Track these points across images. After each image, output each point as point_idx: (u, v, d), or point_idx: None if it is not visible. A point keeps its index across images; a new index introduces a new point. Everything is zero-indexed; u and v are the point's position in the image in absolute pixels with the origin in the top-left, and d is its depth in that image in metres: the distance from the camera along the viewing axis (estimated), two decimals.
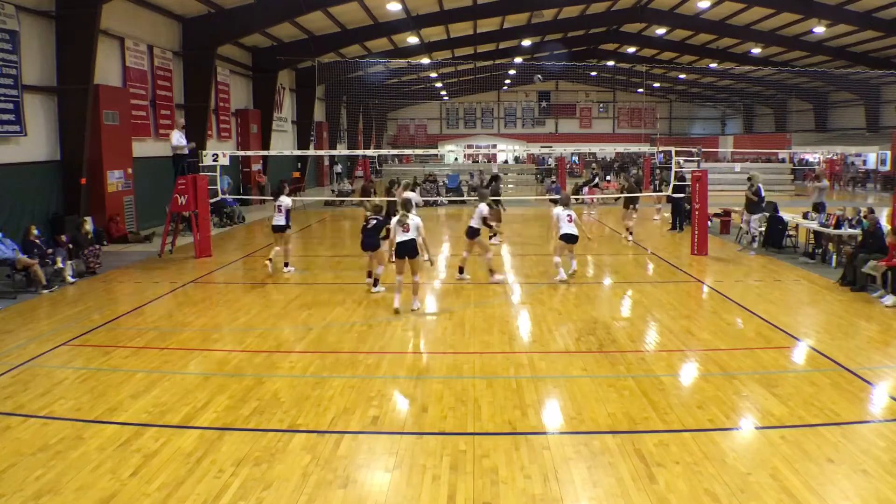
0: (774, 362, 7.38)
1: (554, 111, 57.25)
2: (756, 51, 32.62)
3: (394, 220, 9.26)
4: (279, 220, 12.15)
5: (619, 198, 19.47)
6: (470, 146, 50.94)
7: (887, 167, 33.63)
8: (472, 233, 11.56)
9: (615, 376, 6.91)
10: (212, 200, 15.06)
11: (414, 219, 9.19)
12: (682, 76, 44.63)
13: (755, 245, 14.13)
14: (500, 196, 18.06)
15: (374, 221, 10.52)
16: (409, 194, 13.57)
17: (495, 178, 19.04)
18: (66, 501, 4.58)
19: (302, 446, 5.36)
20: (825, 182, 18.06)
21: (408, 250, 9.14)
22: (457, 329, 8.65)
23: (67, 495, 4.64)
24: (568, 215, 11.44)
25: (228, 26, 20.75)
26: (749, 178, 14.53)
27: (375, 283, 10.66)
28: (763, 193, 14.32)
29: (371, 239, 10.48)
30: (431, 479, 4.83)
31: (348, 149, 40.34)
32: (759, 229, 14.43)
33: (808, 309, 9.80)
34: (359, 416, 5.94)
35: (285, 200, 12.29)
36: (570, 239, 11.48)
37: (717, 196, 20.06)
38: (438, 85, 47.37)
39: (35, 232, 11.72)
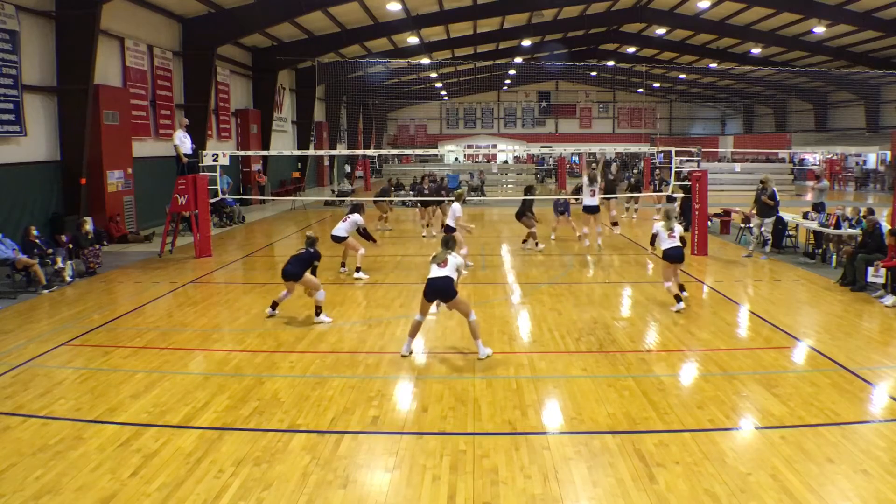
0: (774, 362, 7.38)
1: (554, 111, 57.23)
2: (756, 51, 32.62)
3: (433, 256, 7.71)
4: (339, 231, 11.95)
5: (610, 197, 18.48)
6: (470, 146, 50.92)
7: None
8: (449, 230, 12.08)
9: (615, 376, 6.91)
10: (212, 200, 15.06)
11: (456, 258, 7.62)
12: (682, 76, 44.62)
13: (767, 249, 13.87)
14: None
15: (305, 252, 9.09)
16: (455, 206, 12.38)
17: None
18: (66, 501, 4.57)
19: (302, 446, 5.36)
20: (825, 182, 18.05)
21: (442, 292, 7.43)
22: (457, 329, 8.64)
23: (67, 495, 4.64)
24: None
25: (228, 26, 20.76)
26: (762, 182, 13.91)
27: (273, 307, 9.41)
28: (778, 197, 13.82)
29: (294, 268, 8.97)
30: (431, 479, 4.83)
31: (348, 149, 40.34)
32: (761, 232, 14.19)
33: (808, 309, 9.81)
34: (359, 416, 5.94)
35: (355, 217, 12.04)
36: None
37: (717, 196, 20.05)
38: (438, 85, 47.35)
39: (35, 232, 11.72)
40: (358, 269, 12.10)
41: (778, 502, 4.49)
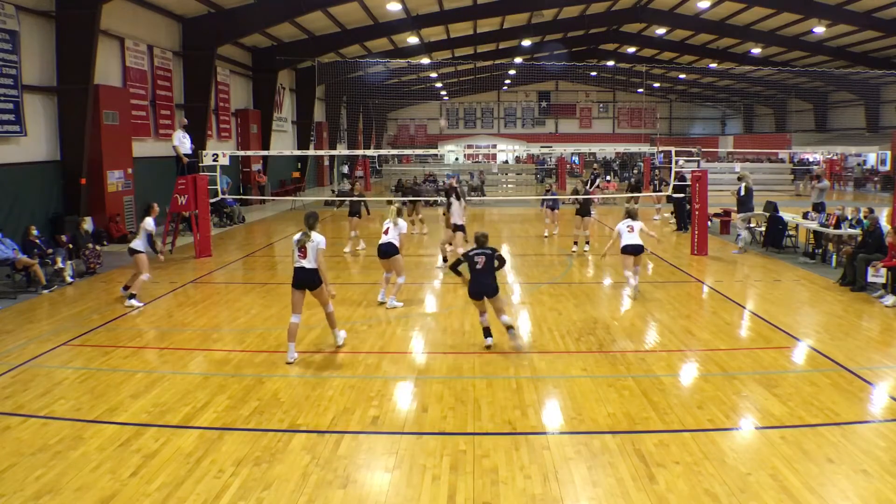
0: (774, 362, 7.38)
1: (554, 111, 57.20)
2: (756, 51, 32.62)
3: (295, 237, 7.48)
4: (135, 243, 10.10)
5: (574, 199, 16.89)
6: (470, 146, 50.92)
7: (887, 167, 33.62)
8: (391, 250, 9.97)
9: (615, 376, 6.91)
10: (212, 200, 15.06)
11: (318, 237, 7.37)
12: (682, 76, 44.61)
13: (740, 243, 14.42)
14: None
15: (483, 257, 7.78)
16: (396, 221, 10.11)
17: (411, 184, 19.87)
18: (66, 501, 4.58)
19: (302, 446, 5.36)
20: (825, 182, 18.06)
21: (308, 280, 7.34)
22: (457, 329, 8.64)
23: (67, 495, 4.64)
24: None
25: (228, 26, 20.76)
26: (739, 178, 14.90)
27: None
28: (742, 193, 14.53)
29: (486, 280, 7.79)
30: (431, 479, 4.83)
31: (348, 149, 40.34)
32: (746, 228, 14.73)
33: (808, 309, 9.80)
34: (359, 416, 5.94)
35: (146, 222, 10.15)
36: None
37: (718, 196, 20.06)
38: (438, 85, 47.36)
39: (35, 232, 11.72)
40: (132, 296, 9.98)
41: (778, 502, 4.49)
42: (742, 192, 14.50)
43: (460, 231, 12.12)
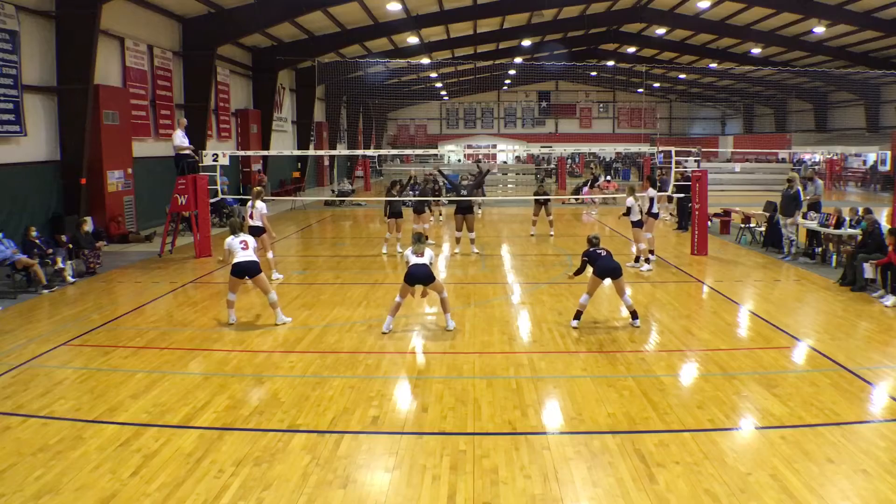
0: (774, 362, 7.38)
1: (554, 111, 57.22)
2: (756, 51, 32.63)
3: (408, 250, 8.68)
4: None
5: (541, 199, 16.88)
6: (470, 146, 50.92)
7: (887, 167, 33.62)
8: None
9: (615, 376, 6.91)
10: (212, 200, 15.05)
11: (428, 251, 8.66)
12: (682, 76, 44.62)
13: (792, 249, 13.53)
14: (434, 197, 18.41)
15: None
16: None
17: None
18: (66, 501, 4.58)
19: (302, 446, 5.36)
20: (819, 182, 18.04)
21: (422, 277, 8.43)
22: (457, 329, 8.64)
23: (67, 495, 4.64)
24: None
25: (228, 26, 20.77)
26: (788, 180, 13.62)
27: None
28: (791, 193, 13.27)
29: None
30: (431, 479, 4.83)
31: (348, 149, 40.35)
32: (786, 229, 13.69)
33: (808, 309, 9.80)
34: (359, 416, 5.94)
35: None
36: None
37: (717, 196, 20.07)
38: (438, 85, 47.36)
39: (34, 232, 11.71)
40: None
41: (778, 502, 4.49)
42: (791, 193, 13.25)
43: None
